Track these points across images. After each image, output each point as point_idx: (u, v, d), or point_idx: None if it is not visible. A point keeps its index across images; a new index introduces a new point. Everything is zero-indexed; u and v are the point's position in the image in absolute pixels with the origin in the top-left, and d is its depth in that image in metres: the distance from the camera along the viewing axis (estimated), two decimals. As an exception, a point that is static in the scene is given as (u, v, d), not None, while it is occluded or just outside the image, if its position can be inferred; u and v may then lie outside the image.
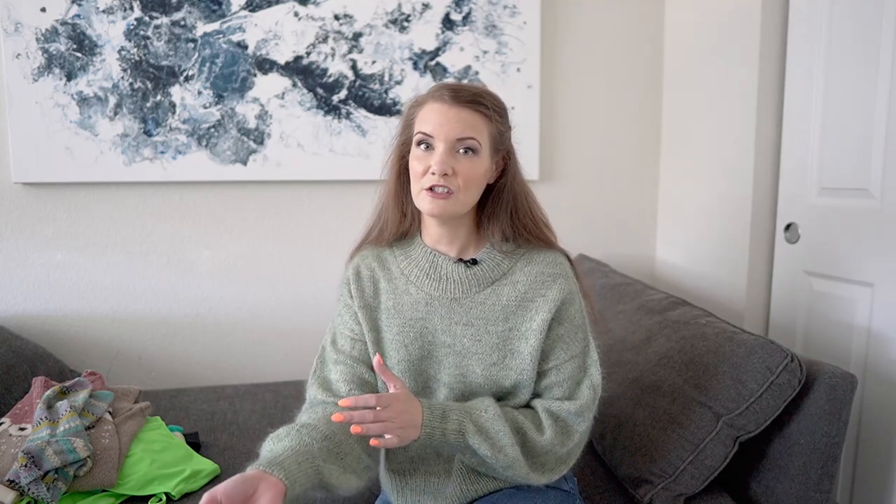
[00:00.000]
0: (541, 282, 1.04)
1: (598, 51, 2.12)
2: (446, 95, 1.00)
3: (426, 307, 1.05)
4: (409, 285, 1.07)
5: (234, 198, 1.93)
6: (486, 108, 1.00)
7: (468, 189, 1.00)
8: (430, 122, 0.99)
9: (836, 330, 1.58)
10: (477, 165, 0.99)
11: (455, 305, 1.05)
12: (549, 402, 1.04)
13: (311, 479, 0.86)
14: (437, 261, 1.07)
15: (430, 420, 0.95)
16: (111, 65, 1.79)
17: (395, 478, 1.11)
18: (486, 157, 1.01)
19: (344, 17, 1.90)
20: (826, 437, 1.19)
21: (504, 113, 1.05)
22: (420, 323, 1.05)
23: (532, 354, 1.02)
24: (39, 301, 1.84)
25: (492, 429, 0.97)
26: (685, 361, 1.33)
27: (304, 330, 1.98)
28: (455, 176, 0.98)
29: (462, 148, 0.99)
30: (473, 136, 0.98)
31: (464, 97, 0.99)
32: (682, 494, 1.24)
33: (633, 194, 2.21)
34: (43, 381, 1.43)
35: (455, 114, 0.98)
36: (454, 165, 0.98)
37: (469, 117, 0.99)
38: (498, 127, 1.02)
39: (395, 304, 1.07)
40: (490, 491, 1.06)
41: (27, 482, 1.13)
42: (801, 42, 1.66)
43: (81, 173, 1.80)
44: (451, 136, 0.98)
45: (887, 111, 1.42)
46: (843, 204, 1.56)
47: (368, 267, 1.11)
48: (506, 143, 1.05)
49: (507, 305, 1.04)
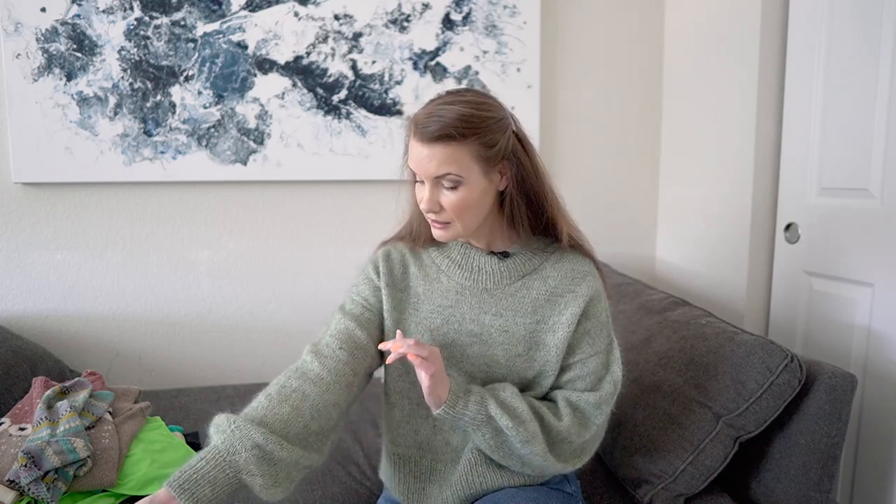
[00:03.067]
0: (570, 278, 1.06)
1: (598, 51, 2.12)
2: (417, 132, 0.98)
3: (456, 295, 1.07)
4: (441, 274, 1.09)
5: (234, 198, 1.93)
6: (455, 138, 0.95)
7: (463, 216, 1.00)
8: (412, 160, 1.00)
9: (836, 330, 1.58)
10: (466, 194, 0.99)
11: (486, 296, 1.06)
12: (569, 393, 1.05)
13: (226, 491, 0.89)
14: (470, 253, 1.09)
15: (456, 389, 0.99)
16: (111, 65, 1.79)
17: (400, 463, 1.11)
18: (477, 179, 0.99)
19: (344, 17, 1.90)
20: (826, 437, 1.19)
21: (485, 125, 0.97)
22: (448, 311, 1.07)
23: (558, 347, 1.04)
24: (39, 301, 1.84)
25: (512, 404, 0.99)
26: (685, 361, 1.33)
27: (304, 330, 1.98)
28: (444, 210, 1.00)
29: (445, 184, 0.98)
30: (449, 172, 0.97)
31: (430, 134, 0.96)
32: (682, 495, 1.24)
33: (633, 194, 2.21)
34: (43, 381, 1.43)
35: (428, 153, 0.97)
36: (441, 200, 0.99)
37: (441, 153, 0.96)
38: (481, 144, 0.97)
39: (425, 290, 1.09)
40: (494, 488, 1.06)
41: (27, 482, 1.13)
42: (801, 42, 1.66)
43: (81, 173, 1.80)
44: (429, 175, 0.98)
45: (887, 111, 1.42)
46: (843, 204, 1.56)
47: (399, 252, 1.13)
48: (501, 151, 1.00)
49: (537, 298, 1.06)
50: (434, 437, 1.08)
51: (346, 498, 1.30)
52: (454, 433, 1.07)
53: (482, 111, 0.98)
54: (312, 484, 1.32)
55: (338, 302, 1.15)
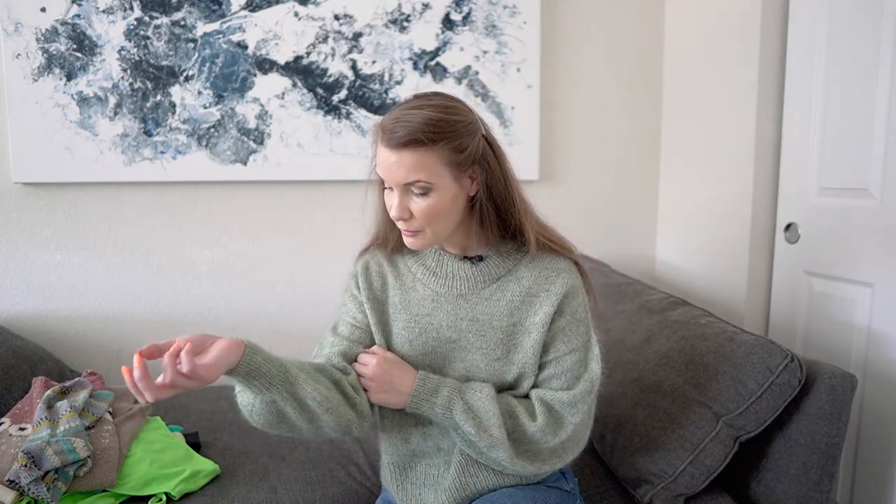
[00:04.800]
0: (544, 277, 1.05)
1: (598, 51, 2.12)
2: (384, 139, 0.96)
3: (432, 304, 1.07)
4: (416, 283, 1.09)
5: (234, 198, 1.93)
6: (424, 143, 0.93)
7: (434, 223, 0.99)
8: (381, 166, 0.98)
9: (836, 330, 1.58)
10: (436, 201, 0.97)
11: (461, 302, 1.06)
12: (544, 392, 1.04)
13: (278, 377, 0.92)
14: (443, 259, 1.09)
15: (420, 391, 1.01)
16: (111, 65, 1.79)
17: (396, 471, 1.11)
18: (447, 185, 0.97)
19: (344, 17, 1.90)
20: (826, 437, 1.19)
21: (453, 129, 0.96)
22: (425, 319, 1.06)
23: (534, 348, 1.03)
24: (39, 301, 1.84)
25: (481, 408, 1.00)
26: (685, 361, 1.33)
27: (304, 330, 1.98)
28: (414, 218, 0.99)
29: (414, 189, 0.97)
30: (419, 178, 0.95)
31: (398, 139, 0.94)
32: (682, 494, 1.24)
33: (633, 194, 2.21)
34: (43, 381, 1.43)
35: (396, 159, 0.95)
36: (410, 207, 0.98)
37: (409, 159, 0.94)
38: (450, 149, 0.95)
39: (402, 299, 1.08)
40: (490, 488, 1.06)
41: (27, 482, 1.13)
42: (801, 42, 1.66)
43: (81, 173, 1.80)
44: (398, 182, 0.97)
45: (887, 111, 1.42)
46: (843, 204, 1.56)
47: (377, 262, 1.13)
48: (471, 155, 0.98)
49: (512, 301, 1.05)
50: (425, 443, 1.09)
51: (346, 498, 1.30)
52: (444, 438, 1.07)
53: (451, 115, 0.96)
54: (312, 484, 1.32)
55: (336, 300, 1.15)
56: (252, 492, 1.27)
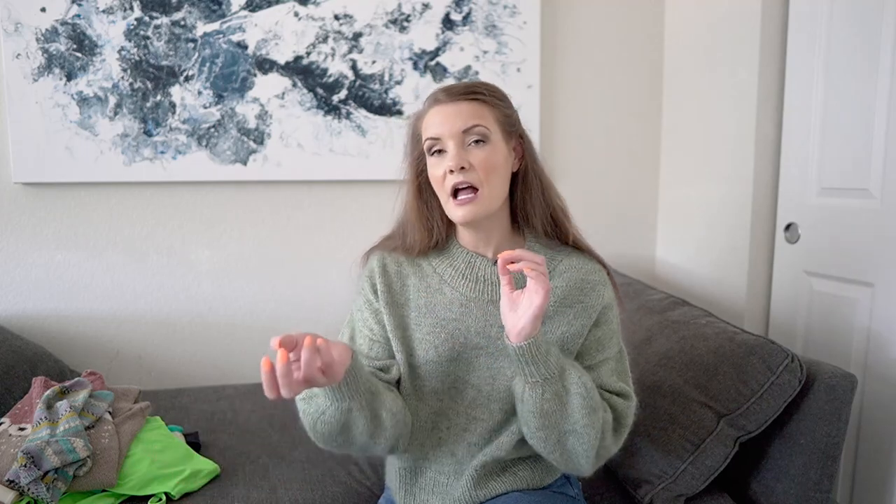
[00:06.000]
0: (580, 288, 1.03)
1: (598, 51, 2.12)
2: (441, 96, 1.00)
3: (461, 308, 1.03)
4: (444, 285, 1.05)
5: (234, 198, 1.93)
6: (483, 95, 1.00)
7: (490, 179, 0.98)
8: (433, 125, 0.99)
9: (836, 330, 1.58)
10: (493, 153, 0.98)
11: (492, 308, 1.03)
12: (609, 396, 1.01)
13: (366, 384, 0.92)
14: (475, 262, 1.05)
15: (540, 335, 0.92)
16: (111, 65, 1.79)
17: (406, 475, 1.09)
18: (500, 141, 1.00)
19: (344, 17, 1.90)
20: (826, 437, 1.19)
21: (503, 97, 1.03)
22: (453, 324, 1.03)
23: None
24: (39, 301, 1.84)
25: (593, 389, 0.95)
26: (685, 361, 1.33)
27: (304, 330, 1.97)
28: (473, 169, 0.97)
29: (472, 139, 0.97)
30: (478, 123, 0.97)
31: (458, 90, 1.00)
32: (683, 495, 1.24)
33: (633, 194, 2.21)
34: (43, 381, 1.43)
35: (454, 108, 0.98)
36: (469, 158, 0.97)
37: (468, 108, 0.98)
38: (502, 110, 1.01)
39: (427, 302, 1.04)
40: (497, 494, 1.04)
41: (27, 482, 1.13)
42: (801, 42, 1.66)
43: (81, 173, 1.80)
44: (456, 130, 0.97)
45: (887, 111, 1.42)
46: (843, 204, 1.56)
47: (396, 261, 1.08)
48: (516, 125, 1.04)
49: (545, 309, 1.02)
50: (438, 450, 1.05)
51: (346, 498, 1.30)
52: (459, 444, 1.04)
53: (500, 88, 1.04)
54: (312, 484, 1.31)
55: (337, 300, 1.14)
56: (252, 492, 1.27)
